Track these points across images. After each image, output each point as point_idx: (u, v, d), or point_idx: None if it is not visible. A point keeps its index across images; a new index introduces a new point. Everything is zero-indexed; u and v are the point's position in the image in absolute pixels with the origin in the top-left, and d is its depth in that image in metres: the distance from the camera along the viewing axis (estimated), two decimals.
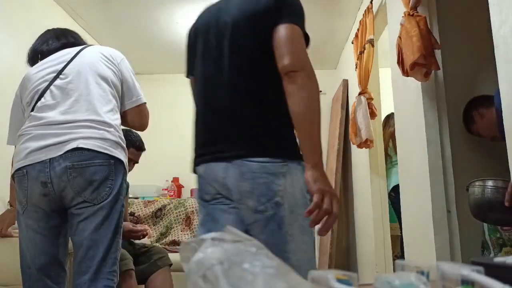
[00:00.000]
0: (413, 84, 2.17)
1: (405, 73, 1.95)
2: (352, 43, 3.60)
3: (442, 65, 2.07)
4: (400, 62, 1.97)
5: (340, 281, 0.42)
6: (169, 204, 3.52)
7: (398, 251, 3.29)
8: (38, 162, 1.30)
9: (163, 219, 3.45)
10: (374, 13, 2.97)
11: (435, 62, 1.83)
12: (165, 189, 4.68)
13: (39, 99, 1.43)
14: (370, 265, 3.34)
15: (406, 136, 2.35)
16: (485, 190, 1.43)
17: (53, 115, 1.36)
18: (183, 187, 4.83)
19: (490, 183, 1.42)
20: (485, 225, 1.67)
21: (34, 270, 1.35)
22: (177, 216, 3.41)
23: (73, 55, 1.53)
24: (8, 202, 1.69)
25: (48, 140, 1.31)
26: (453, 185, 1.97)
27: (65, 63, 1.49)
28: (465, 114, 1.93)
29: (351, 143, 3.43)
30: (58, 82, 1.44)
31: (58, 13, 3.49)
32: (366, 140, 3.04)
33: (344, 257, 4.43)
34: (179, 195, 4.69)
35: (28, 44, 3.06)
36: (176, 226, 3.37)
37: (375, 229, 3.21)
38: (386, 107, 3.43)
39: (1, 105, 2.80)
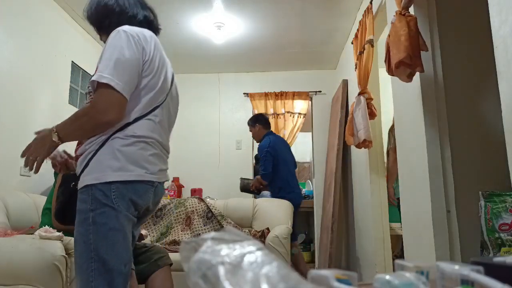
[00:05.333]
0: (413, 85, 2.17)
1: (390, 71, 1.95)
2: (352, 43, 3.60)
3: (442, 66, 2.08)
4: (387, 60, 1.97)
5: (340, 280, 0.42)
6: (169, 204, 3.52)
7: (398, 251, 3.30)
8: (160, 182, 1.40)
9: (164, 218, 3.44)
10: (373, 13, 2.97)
11: (420, 64, 1.81)
12: (166, 189, 4.69)
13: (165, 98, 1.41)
14: (370, 264, 3.34)
15: (405, 137, 2.35)
16: (244, 182, 3.97)
17: (166, 139, 1.44)
18: (183, 187, 4.84)
19: (245, 180, 3.99)
20: (484, 225, 1.67)
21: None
22: (177, 216, 3.41)
23: (172, 74, 1.50)
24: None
25: (165, 165, 1.43)
26: (452, 185, 1.98)
27: (171, 79, 1.47)
28: None
29: None
30: (169, 99, 1.44)
31: (58, 13, 3.49)
32: (365, 140, 3.04)
33: (344, 257, 4.43)
34: (179, 195, 4.69)
35: (27, 45, 3.07)
36: (177, 226, 3.36)
37: (375, 229, 3.21)
38: (385, 107, 3.43)
39: (1, 104, 2.80)
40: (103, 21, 1.41)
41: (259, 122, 3.84)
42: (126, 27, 1.30)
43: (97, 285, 1.17)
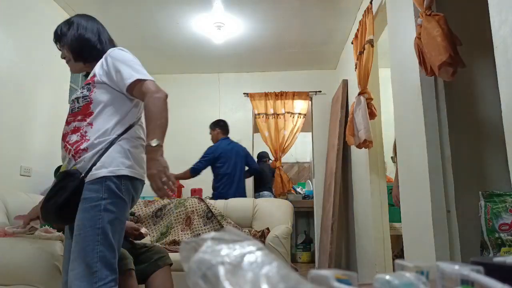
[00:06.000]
0: (413, 85, 2.17)
1: (430, 73, 1.91)
2: (352, 43, 3.60)
3: None
4: (423, 63, 1.93)
5: (340, 280, 0.42)
6: (169, 204, 3.52)
7: (398, 251, 3.30)
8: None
9: (164, 218, 3.44)
10: (373, 13, 2.97)
11: (461, 61, 1.77)
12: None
13: None
14: (370, 264, 3.34)
15: (406, 137, 2.35)
16: None
17: None
18: (183, 187, 4.83)
19: None
20: (484, 225, 1.67)
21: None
22: (177, 216, 3.41)
23: None
24: None
25: None
26: (452, 185, 1.97)
27: None
28: None
29: None
30: None
31: (57, 13, 3.49)
32: (365, 140, 3.04)
33: (344, 257, 4.43)
34: (179, 195, 4.69)
35: (27, 45, 3.07)
36: (177, 226, 3.36)
37: (375, 229, 3.21)
38: (385, 107, 3.43)
39: (1, 104, 2.80)
40: (82, 52, 1.62)
41: (218, 127, 4.30)
42: (121, 48, 1.58)
43: (101, 266, 1.30)
